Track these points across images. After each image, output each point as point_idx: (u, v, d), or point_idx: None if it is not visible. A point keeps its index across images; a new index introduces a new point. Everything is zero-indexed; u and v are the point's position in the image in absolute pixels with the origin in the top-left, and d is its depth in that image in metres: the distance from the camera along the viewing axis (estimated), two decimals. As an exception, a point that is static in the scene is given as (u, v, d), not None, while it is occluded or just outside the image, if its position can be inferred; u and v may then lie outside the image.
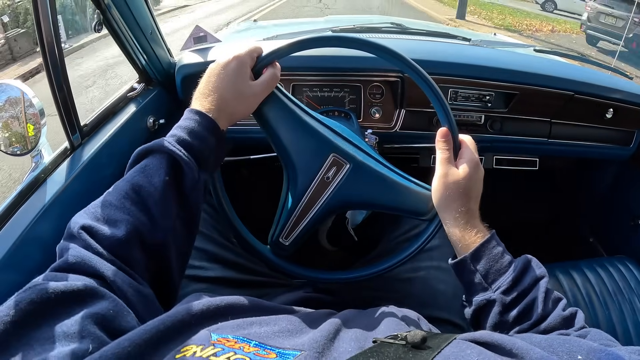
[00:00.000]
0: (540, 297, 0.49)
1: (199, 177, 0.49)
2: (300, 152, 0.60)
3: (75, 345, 0.30)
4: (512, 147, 1.02)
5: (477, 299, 0.53)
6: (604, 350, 0.34)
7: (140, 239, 0.43)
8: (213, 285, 0.69)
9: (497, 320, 0.51)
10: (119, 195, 0.44)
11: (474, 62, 0.92)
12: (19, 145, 0.64)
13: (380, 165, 0.61)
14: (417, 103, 0.92)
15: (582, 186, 1.37)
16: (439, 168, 0.57)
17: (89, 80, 3.97)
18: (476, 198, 0.56)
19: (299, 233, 0.63)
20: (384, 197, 0.61)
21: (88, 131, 0.75)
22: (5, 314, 0.30)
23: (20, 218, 0.57)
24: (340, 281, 0.65)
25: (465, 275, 0.55)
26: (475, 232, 0.53)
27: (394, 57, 0.57)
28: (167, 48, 0.94)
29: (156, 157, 0.47)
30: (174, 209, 0.47)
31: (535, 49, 1.20)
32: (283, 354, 0.35)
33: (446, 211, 0.56)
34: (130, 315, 0.36)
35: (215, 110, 0.52)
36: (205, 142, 0.50)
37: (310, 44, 0.57)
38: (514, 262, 0.52)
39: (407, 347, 0.36)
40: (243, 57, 0.54)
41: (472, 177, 0.55)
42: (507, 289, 0.50)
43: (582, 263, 0.99)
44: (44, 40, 0.63)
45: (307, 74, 0.90)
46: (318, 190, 0.61)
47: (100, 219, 0.42)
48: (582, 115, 1.02)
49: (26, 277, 0.54)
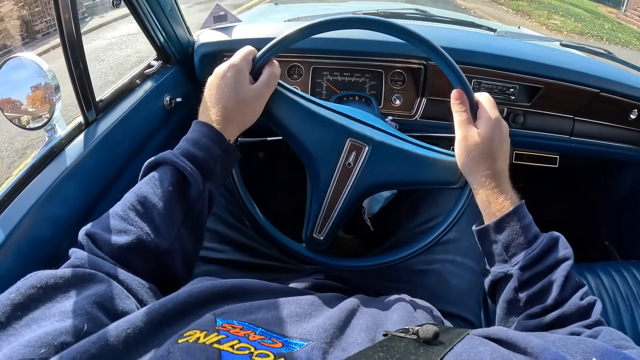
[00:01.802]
0: (559, 280, 0.47)
1: (203, 188, 0.49)
2: (316, 143, 0.58)
3: (70, 322, 0.30)
4: (533, 142, 1.00)
5: (496, 270, 0.52)
6: (620, 354, 0.33)
7: (144, 247, 0.44)
8: (223, 268, 0.68)
9: (511, 296, 0.50)
10: (125, 206, 0.45)
11: (499, 52, 0.89)
12: (33, 120, 0.64)
13: (400, 140, 0.59)
14: (439, 92, 0.89)
15: (601, 187, 1.34)
16: (458, 131, 0.55)
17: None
18: (503, 158, 0.53)
19: (331, 226, 0.62)
20: (410, 172, 0.59)
21: (103, 107, 0.75)
22: (6, 297, 0.31)
23: (32, 191, 0.57)
24: (374, 267, 0.64)
25: (486, 244, 0.53)
26: (503, 199, 0.51)
27: (378, 25, 0.54)
28: (186, 26, 0.93)
29: (163, 168, 0.49)
30: (178, 218, 0.48)
31: (561, 43, 1.16)
32: (289, 343, 0.34)
33: (472, 176, 0.54)
34: (129, 300, 0.37)
35: (222, 121, 0.52)
36: (211, 154, 0.50)
37: (300, 35, 0.55)
38: (539, 238, 0.49)
39: (418, 342, 0.35)
40: (238, 63, 0.54)
41: (494, 136, 0.53)
42: (526, 265, 0.48)
43: (596, 266, 0.97)
44: (61, 17, 0.62)
45: (328, 57, 0.88)
46: (342, 178, 0.59)
47: (105, 228, 0.43)
48: (606, 114, 0.99)
49: (36, 250, 0.54)
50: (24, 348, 0.27)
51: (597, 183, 1.36)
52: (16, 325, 0.29)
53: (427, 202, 0.77)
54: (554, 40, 1.20)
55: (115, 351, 0.29)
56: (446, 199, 0.75)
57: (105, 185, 0.69)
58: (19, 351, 0.27)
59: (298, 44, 0.56)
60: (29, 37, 3.08)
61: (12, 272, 0.50)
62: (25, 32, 3.07)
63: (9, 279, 0.48)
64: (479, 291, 0.73)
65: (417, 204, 0.79)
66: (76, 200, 0.63)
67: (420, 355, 0.33)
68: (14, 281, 0.34)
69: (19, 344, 0.27)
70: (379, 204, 0.83)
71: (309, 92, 0.91)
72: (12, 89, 0.63)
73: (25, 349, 0.27)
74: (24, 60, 0.63)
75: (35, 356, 0.27)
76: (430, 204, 0.77)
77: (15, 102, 0.63)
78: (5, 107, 0.63)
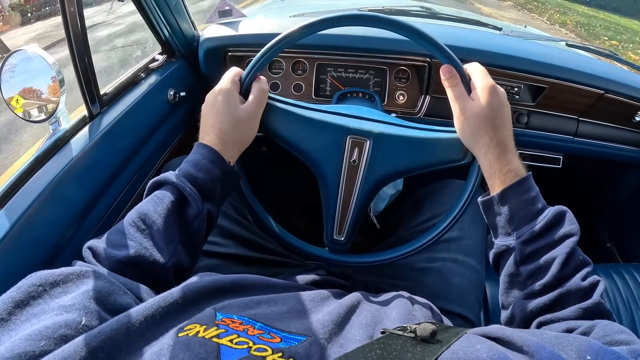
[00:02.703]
0: (561, 257, 0.46)
1: (202, 208, 0.51)
2: (317, 148, 0.59)
3: (68, 316, 0.31)
4: (537, 142, 0.99)
5: (499, 242, 0.51)
6: (613, 352, 0.33)
7: (141, 261, 0.45)
8: (225, 262, 0.69)
9: (512, 270, 0.49)
10: (127, 222, 0.47)
11: (505, 51, 0.88)
12: (37, 112, 0.65)
13: (400, 127, 0.59)
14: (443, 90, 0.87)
15: (604, 189, 1.34)
16: (454, 106, 0.54)
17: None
18: (505, 126, 0.52)
19: (349, 225, 0.62)
20: (415, 157, 0.59)
21: (107, 100, 0.75)
22: (7, 296, 0.32)
23: (35, 183, 0.57)
24: (396, 259, 0.63)
25: (491, 215, 0.53)
26: (508, 169, 0.50)
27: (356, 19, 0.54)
28: (191, 20, 0.93)
29: (165, 188, 0.51)
30: (176, 236, 0.50)
31: (567, 43, 1.15)
32: (288, 338, 0.34)
33: (476, 148, 0.53)
34: (127, 295, 0.37)
35: (220, 144, 0.54)
36: (210, 175, 0.52)
37: (282, 44, 0.55)
38: (544, 212, 0.49)
39: (415, 340, 0.35)
40: (226, 86, 0.56)
41: (492, 104, 0.52)
42: (528, 239, 0.48)
43: (597, 267, 0.97)
44: (66, 10, 0.62)
45: (333, 53, 0.88)
46: (350, 176, 0.59)
47: (107, 242, 0.46)
48: (611, 115, 0.98)
49: (40, 241, 0.55)
50: (25, 341, 0.28)
51: (600, 184, 1.35)
52: (17, 321, 0.30)
53: (430, 201, 0.77)
54: (560, 40, 1.20)
55: (116, 344, 0.29)
56: (448, 196, 0.75)
57: (108, 178, 0.69)
58: (19, 344, 0.27)
59: (302, 40, 0.56)
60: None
61: (15, 265, 0.50)
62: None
63: (14, 270, 0.50)
64: (480, 290, 0.73)
65: (420, 202, 0.79)
66: (79, 193, 0.63)
67: (417, 354, 0.33)
68: (19, 271, 0.34)
69: (20, 337, 0.28)
70: (384, 202, 0.83)
71: (313, 89, 0.91)
72: (17, 82, 0.63)
73: (25, 342, 0.28)
74: (29, 54, 0.63)
75: (35, 349, 0.28)
76: (432, 202, 0.77)
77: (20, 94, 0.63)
78: (10, 99, 0.63)
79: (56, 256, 0.57)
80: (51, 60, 0.63)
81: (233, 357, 0.29)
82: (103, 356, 0.28)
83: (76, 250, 0.59)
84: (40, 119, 0.65)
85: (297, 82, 0.91)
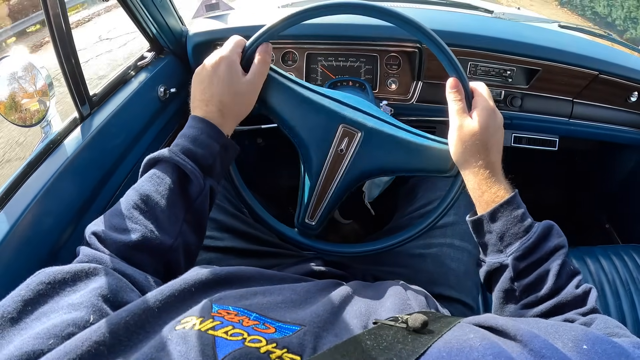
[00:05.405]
0: (555, 269, 0.46)
1: (204, 184, 0.50)
2: (308, 129, 0.58)
3: (76, 314, 0.31)
4: (532, 125, 0.99)
5: (491, 260, 0.51)
6: (610, 342, 0.33)
7: (148, 244, 0.44)
8: (223, 255, 0.69)
9: (507, 286, 0.50)
10: (128, 204, 0.46)
11: (496, 34, 0.87)
12: (28, 117, 0.65)
13: (394, 127, 0.59)
14: (435, 75, 0.89)
15: (601, 170, 1.33)
16: (453, 120, 0.54)
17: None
18: (497, 149, 0.53)
19: (323, 211, 0.62)
20: (402, 160, 0.59)
21: (97, 101, 0.75)
22: (17, 294, 0.32)
23: (29, 187, 0.57)
24: (368, 253, 0.64)
25: (481, 234, 0.53)
26: (496, 189, 0.51)
27: (374, 11, 0.53)
28: (178, 15, 0.92)
29: (163, 166, 0.49)
30: (180, 215, 0.49)
31: (560, 24, 1.14)
32: (282, 328, 0.34)
33: (465, 166, 0.54)
34: (134, 292, 0.38)
35: (219, 117, 0.52)
36: (210, 150, 0.51)
37: (291, 21, 0.54)
38: (533, 227, 0.49)
39: (407, 331, 0.35)
40: (229, 55, 0.53)
41: (489, 126, 0.52)
42: (521, 255, 0.48)
43: (596, 249, 0.96)
44: (49, 11, 0.61)
45: (322, 43, 0.88)
46: (334, 164, 0.59)
47: (111, 227, 0.44)
48: (606, 96, 0.98)
49: (37, 244, 0.55)
50: (33, 340, 0.28)
51: (597, 166, 1.35)
52: (27, 320, 0.31)
53: (425, 187, 0.77)
54: (553, 22, 1.18)
55: (115, 338, 0.29)
56: (443, 182, 0.75)
57: (102, 177, 0.69)
58: (28, 343, 0.28)
59: (292, 30, 0.55)
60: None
61: (14, 267, 0.51)
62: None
63: (12, 274, 0.50)
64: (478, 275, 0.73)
65: (415, 188, 0.79)
66: (74, 194, 0.63)
67: (407, 344, 0.33)
68: (17, 275, 0.35)
69: (29, 336, 0.29)
70: (378, 189, 0.83)
71: (303, 78, 0.91)
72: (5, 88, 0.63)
73: (34, 340, 0.28)
74: (16, 59, 0.63)
75: (44, 347, 0.28)
76: (427, 188, 0.77)
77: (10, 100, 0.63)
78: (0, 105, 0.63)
79: (54, 257, 0.57)
80: (39, 64, 0.63)
81: (228, 349, 0.30)
82: (104, 349, 0.28)
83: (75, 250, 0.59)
84: (32, 123, 0.65)
85: (287, 73, 0.90)
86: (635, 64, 0.95)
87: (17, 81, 0.63)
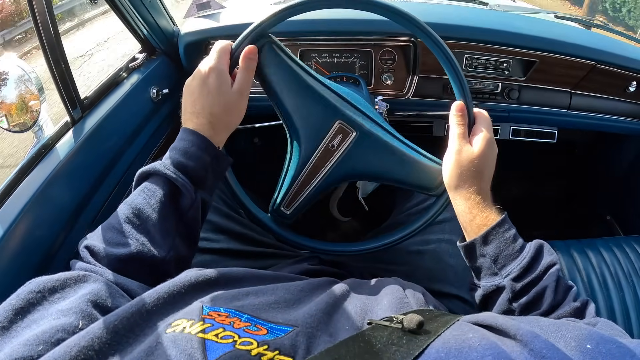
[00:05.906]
0: (552, 285, 0.47)
1: (195, 197, 0.50)
2: (304, 117, 0.57)
3: (65, 320, 0.31)
4: (530, 117, 0.98)
5: (486, 283, 0.51)
6: (615, 342, 0.32)
7: (141, 258, 0.45)
8: (218, 257, 0.68)
9: (506, 307, 0.49)
10: (121, 218, 0.46)
11: (492, 26, 0.86)
12: (19, 122, 0.64)
13: (389, 135, 0.59)
14: (431, 70, 0.88)
15: (601, 162, 1.32)
16: (453, 144, 0.54)
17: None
18: (489, 178, 0.54)
19: (300, 202, 0.61)
20: (391, 169, 0.59)
21: (89, 104, 0.74)
22: (8, 304, 0.32)
23: (24, 190, 0.56)
24: (343, 253, 0.63)
25: (474, 258, 0.53)
26: (487, 214, 0.51)
27: (370, 5, 0.52)
28: (169, 15, 0.91)
29: (154, 180, 0.49)
30: (172, 228, 0.49)
31: (556, 15, 1.13)
32: (274, 330, 0.34)
33: (457, 190, 0.54)
34: (124, 298, 0.38)
35: (209, 128, 0.52)
36: (201, 163, 0.51)
37: (276, 19, 0.53)
38: (525, 247, 0.50)
39: (402, 332, 0.34)
40: (217, 65, 0.52)
41: (487, 156, 0.53)
42: (518, 275, 0.48)
43: (598, 241, 0.95)
44: (37, 16, 0.60)
45: (316, 39, 0.87)
46: (322, 158, 0.58)
47: (103, 240, 0.45)
48: (604, 87, 0.96)
49: (30, 250, 0.54)
50: (23, 346, 0.28)
51: (597, 157, 1.34)
52: (17, 328, 0.31)
53: None
54: (549, 13, 1.17)
55: (104, 342, 0.29)
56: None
57: (95, 181, 0.68)
58: (18, 350, 0.28)
59: (284, 27, 0.54)
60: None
61: (6, 274, 0.50)
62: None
63: (4, 281, 0.49)
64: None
65: None
66: (68, 197, 0.62)
67: (402, 346, 0.32)
68: (10, 283, 0.34)
69: (18, 342, 0.29)
70: (372, 184, 0.82)
71: None
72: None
73: (24, 347, 0.28)
74: (5, 64, 0.62)
75: (33, 353, 0.28)
76: None
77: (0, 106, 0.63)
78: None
79: (49, 261, 0.57)
80: (29, 69, 0.63)
81: (218, 352, 0.29)
82: (93, 354, 0.28)
83: (69, 254, 0.59)
84: (24, 128, 0.64)
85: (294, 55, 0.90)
86: (633, 54, 0.94)
87: (8, 85, 0.62)
